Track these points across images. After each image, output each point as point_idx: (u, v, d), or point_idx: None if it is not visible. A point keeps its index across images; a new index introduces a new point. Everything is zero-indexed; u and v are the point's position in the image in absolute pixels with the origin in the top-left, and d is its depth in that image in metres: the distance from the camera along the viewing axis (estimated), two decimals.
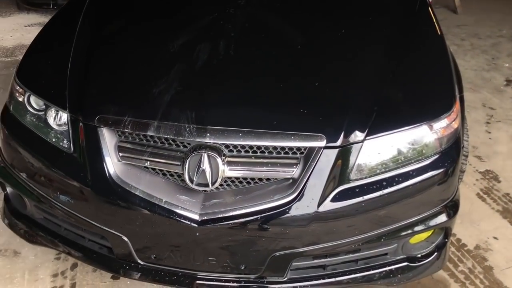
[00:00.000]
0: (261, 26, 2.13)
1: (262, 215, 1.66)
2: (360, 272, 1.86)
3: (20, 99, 1.99)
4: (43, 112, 1.92)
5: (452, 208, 1.89)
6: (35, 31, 5.41)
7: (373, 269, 1.88)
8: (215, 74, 1.86)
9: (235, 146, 1.67)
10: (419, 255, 1.93)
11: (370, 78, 1.89)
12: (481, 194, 2.87)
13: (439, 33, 2.30)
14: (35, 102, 1.95)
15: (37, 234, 2.03)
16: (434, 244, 1.95)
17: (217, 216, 1.67)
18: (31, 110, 1.95)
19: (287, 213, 1.65)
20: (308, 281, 1.82)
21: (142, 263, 1.82)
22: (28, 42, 5.13)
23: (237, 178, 1.69)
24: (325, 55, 1.98)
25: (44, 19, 5.81)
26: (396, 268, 1.90)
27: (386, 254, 1.90)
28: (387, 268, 1.89)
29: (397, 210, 1.76)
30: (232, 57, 1.93)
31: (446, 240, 1.98)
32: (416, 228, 1.82)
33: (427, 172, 1.76)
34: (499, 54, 5.10)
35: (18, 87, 2.01)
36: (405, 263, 1.91)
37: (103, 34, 2.16)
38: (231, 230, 1.68)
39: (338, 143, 1.67)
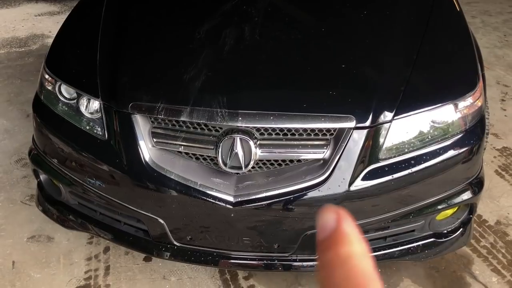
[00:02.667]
0: (284, 10, 2.16)
1: (294, 195, 1.71)
2: (388, 249, 1.92)
3: (51, 88, 2.03)
4: (74, 101, 1.97)
5: (477, 185, 1.94)
6: (46, 21, 5.48)
7: (401, 246, 1.94)
8: (243, 58, 1.90)
9: (266, 129, 1.72)
10: (445, 231, 1.99)
11: (395, 58, 1.92)
12: (500, 171, 2.91)
13: (458, 9, 2.31)
14: (66, 91, 2.00)
15: (72, 219, 2.10)
16: (459, 220, 2.01)
17: (250, 198, 1.72)
18: (62, 99, 2.00)
19: (319, 193, 1.70)
20: None
21: (178, 244, 1.88)
22: (40, 32, 5.20)
23: (268, 160, 1.74)
24: (350, 37, 2.02)
25: (53, 8, 5.84)
26: (423, 244, 1.95)
27: (413, 230, 1.95)
28: (414, 244, 1.95)
29: (424, 188, 1.81)
30: (258, 41, 1.97)
31: (471, 216, 2.03)
32: (443, 205, 1.87)
33: (453, 150, 1.80)
34: (510, 31, 5.09)
35: (48, 76, 2.05)
36: (432, 239, 1.96)
37: (129, 21, 2.19)
38: (264, 211, 1.73)
39: (368, 123, 1.71)
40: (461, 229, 2.00)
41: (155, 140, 1.78)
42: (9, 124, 3.41)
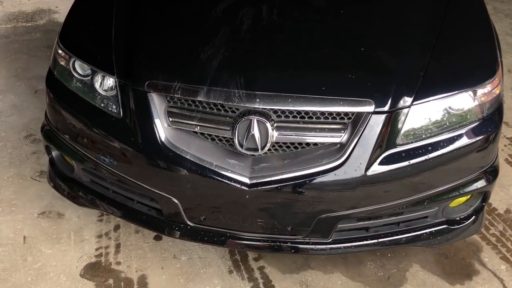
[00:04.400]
0: None
1: (310, 179, 1.70)
2: (401, 234, 1.93)
3: (64, 64, 2.01)
4: (89, 78, 1.95)
5: (492, 173, 1.93)
6: None
7: (414, 231, 1.94)
8: (260, 38, 1.88)
9: (283, 112, 1.70)
10: (458, 218, 1.98)
11: (415, 43, 1.89)
12: (510, 159, 2.90)
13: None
14: (80, 68, 1.97)
15: (84, 197, 2.10)
16: (472, 208, 2.01)
17: (265, 180, 1.71)
18: (76, 75, 1.97)
19: (335, 177, 1.69)
20: (352, 242, 1.88)
21: (191, 224, 1.88)
22: (46, 7, 5.14)
23: (285, 143, 1.73)
24: (370, 20, 1.99)
25: None
26: (436, 231, 1.96)
27: (426, 217, 1.95)
28: (427, 230, 1.95)
29: (440, 175, 1.80)
30: (276, 21, 1.94)
31: (484, 204, 2.03)
32: (458, 192, 1.87)
33: (470, 137, 1.79)
34: None
35: (62, 52, 2.02)
36: (445, 226, 1.96)
37: None
38: (279, 193, 1.73)
39: (386, 108, 1.69)
40: (473, 216, 2.00)
41: (171, 119, 1.77)
42: (17, 100, 3.39)
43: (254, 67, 1.77)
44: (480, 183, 1.89)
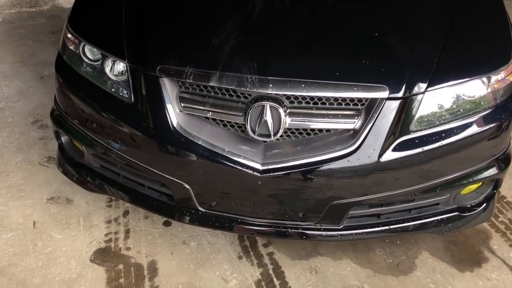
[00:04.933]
0: None
1: (323, 165, 1.69)
2: (412, 221, 1.92)
3: (74, 49, 1.99)
4: (99, 62, 1.93)
5: (504, 161, 1.92)
6: None
7: (425, 218, 1.94)
8: (273, 23, 1.86)
9: (296, 97, 1.69)
10: (469, 205, 1.98)
11: (429, 28, 1.87)
12: None
13: None
14: (90, 52, 1.96)
15: (93, 182, 2.09)
16: (483, 195, 2.00)
17: (278, 166, 1.70)
18: (86, 60, 1.96)
19: (348, 163, 1.69)
20: (363, 228, 1.88)
21: (202, 209, 1.88)
22: None
23: (297, 129, 1.72)
24: (384, 4, 1.96)
25: None
26: (447, 218, 1.95)
27: (437, 204, 1.94)
28: (438, 218, 1.95)
29: (452, 162, 1.79)
30: (288, 5, 1.92)
31: (495, 191, 2.02)
32: (470, 180, 1.86)
33: (483, 124, 1.78)
34: None
35: (71, 36, 2.00)
36: (456, 213, 1.96)
37: None
38: (291, 180, 1.72)
39: (400, 94, 1.68)
40: (484, 204, 2.00)
41: (182, 105, 1.76)
42: (23, 85, 3.38)
43: (267, 52, 1.75)
44: (492, 171, 1.88)
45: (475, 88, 1.77)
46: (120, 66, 1.87)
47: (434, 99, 1.73)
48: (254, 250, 2.18)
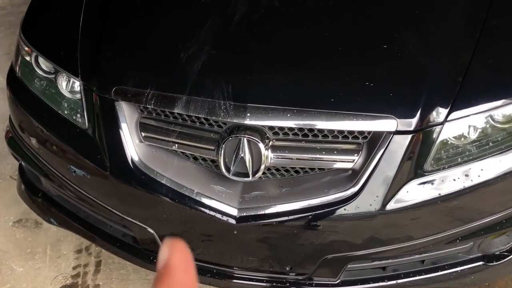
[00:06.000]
0: None
1: (314, 213, 1.36)
2: (426, 274, 1.58)
3: (27, 59, 1.69)
4: (53, 76, 1.62)
5: None
6: None
7: (442, 270, 1.59)
8: (255, 33, 1.49)
9: (281, 128, 1.36)
10: (498, 252, 1.62)
11: (452, 37, 1.48)
12: None
13: None
14: (44, 64, 1.65)
15: (52, 213, 1.81)
16: None
17: (258, 213, 1.39)
18: (39, 72, 1.65)
19: (345, 212, 1.35)
20: (365, 283, 1.55)
21: None
22: None
23: (283, 166, 1.39)
24: (393, 8, 1.55)
25: None
26: (469, 268, 1.60)
27: (458, 252, 1.60)
28: (458, 269, 1.59)
29: (479, 206, 1.44)
30: (277, 9, 1.54)
31: None
32: (500, 227, 1.50)
33: None
34: None
35: (24, 45, 1.70)
36: (481, 262, 1.61)
37: None
38: (275, 229, 1.40)
39: (413, 126, 1.32)
40: None
41: (143, 134, 1.44)
42: None
43: (246, 71, 1.41)
44: None
45: (510, 116, 1.40)
46: (76, 83, 1.56)
47: (457, 130, 1.37)
48: None
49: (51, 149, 1.59)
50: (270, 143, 1.36)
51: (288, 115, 1.32)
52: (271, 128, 1.36)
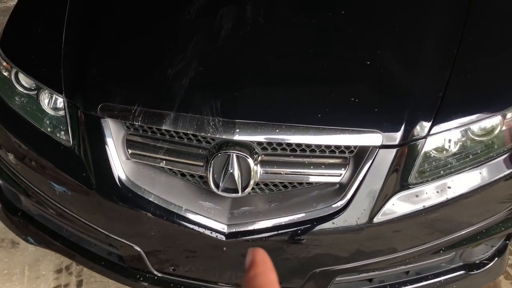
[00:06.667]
0: None
1: (303, 227, 1.38)
2: (411, 284, 1.61)
3: (6, 74, 1.65)
4: (35, 92, 1.60)
5: None
6: None
7: (426, 280, 1.62)
8: (242, 50, 1.51)
9: (270, 143, 1.37)
10: (478, 261, 1.67)
11: (432, 53, 1.53)
12: None
13: None
14: (25, 80, 1.62)
15: (33, 233, 1.76)
16: (494, 248, 1.69)
17: (248, 228, 1.39)
18: (20, 89, 1.62)
19: (333, 225, 1.37)
20: None
21: (158, 274, 1.57)
22: None
23: (272, 181, 1.40)
24: (376, 26, 1.60)
25: None
26: (451, 278, 1.64)
27: (440, 262, 1.64)
28: (441, 278, 1.63)
29: (462, 217, 1.49)
30: (262, 26, 1.56)
31: (507, 242, 1.72)
32: (481, 236, 1.55)
33: (498, 172, 1.46)
34: None
35: (3, 60, 1.66)
36: (462, 272, 1.65)
37: None
38: (264, 243, 1.40)
39: (397, 140, 1.35)
40: (496, 258, 1.69)
41: (130, 151, 1.43)
42: None
43: (234, 87, 1.42)
44: (508, 224, 1.57)
45: (488, 129, 1.45)
46: (59, 99, 1.54)
47: (439, 144, 1.41)
48: None
49: (33, 168, 1.56)
50: (259, 158, 1.37)
51: (277, 130, 1.34)
52: (259, 143, 1.37)
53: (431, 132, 1.39)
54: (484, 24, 1.66)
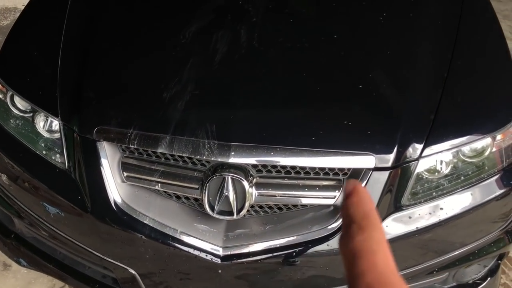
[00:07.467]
0: (289, 10, 1.78)
1: (298, 249, 1.39)
2: None
3: (1, 97, 1.66)
4: (30, 115, 1.60)
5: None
6: None
7: None
8: (237, 74, 1.53)
9: (264, 166, 1.38)
10: (471, 281, 1.69)
11: (422, 77, 1.56)
12: None
13: (492, 12, 1.95)
14: (21, 103, 1.63)
15: (25, 255, 1.75)
16: (487, 268, 1.71)
17: (243, 251, 1.40)
18: (15, 111, 1.63)
19: (328, 247, 1.38)
20: None
21: None
22: (12, 5, 4.72)
23: (266, 203, 1.42)
24: (369, 48, 1.63)
25: None
26: None
27: (434, 283, 1.65)
28: None
29: (455, 238, 1.50)
30: (257, 50, 1.59)
31: (500, 262, 1.73)
32: (473, 257, 1.57)
33: (489, 193, 1.49)
34: None
35: None
36: None
37: (99, 21, 1.76)
38: (260, 267, 1.41)
39: (390, 163, 1.38)
40: (488, 278, 1.70)
41: (125, 174, 1.44)
42: None
43: (229, 110, 1.44)
44: (500, 245, 1.59)
45: (479, 150, 1.48)
46: (55, 122, 1.55)
47: (431, 166, 1.44)
48: None
49: (28, 190, 1.56)
50: (254, 180, 1.38)
51: (271, 153, 1.35)
52: (254, 166, 1.38)
53: (423, 154, 1.41)
54: (473, 47, 1.70)
